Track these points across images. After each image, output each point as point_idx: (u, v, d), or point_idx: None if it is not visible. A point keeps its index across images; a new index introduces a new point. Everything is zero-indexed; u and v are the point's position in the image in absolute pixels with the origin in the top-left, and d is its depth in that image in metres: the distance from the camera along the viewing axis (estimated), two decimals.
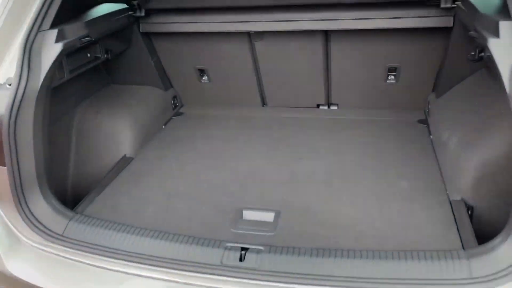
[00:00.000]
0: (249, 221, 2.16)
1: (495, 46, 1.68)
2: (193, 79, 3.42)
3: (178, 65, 3.33)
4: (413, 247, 1.86)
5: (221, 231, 2.07)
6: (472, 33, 1.96)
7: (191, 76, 3.39)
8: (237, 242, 1.94)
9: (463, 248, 1.83)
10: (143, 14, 2.96)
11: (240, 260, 1.83)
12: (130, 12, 2.92)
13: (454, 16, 2.57)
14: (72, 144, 2.82)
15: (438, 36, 2.76)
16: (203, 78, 3.39)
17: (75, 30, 2.27)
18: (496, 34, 1.70)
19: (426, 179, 2.36)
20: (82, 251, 1.98)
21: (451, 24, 2.59)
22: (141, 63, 3.20)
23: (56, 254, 2.01)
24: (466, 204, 2.12)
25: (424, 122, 3.01)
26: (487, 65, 2.50)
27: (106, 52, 2.73)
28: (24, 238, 2.03)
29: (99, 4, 2.79)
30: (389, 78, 3.06)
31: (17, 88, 1.96)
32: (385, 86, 3.11)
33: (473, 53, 2.55)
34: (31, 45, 2.03)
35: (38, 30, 2.06)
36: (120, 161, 2.77)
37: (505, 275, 1.59)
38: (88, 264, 1.95)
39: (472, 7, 2.08)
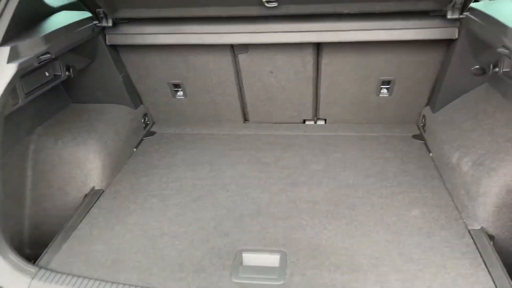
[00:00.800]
0: (251, 267, 1.86)
1: None
2: (166, 95, 3.06)
3: (150, 80, 2.96)
4: None
5: (220, 282, 1.76)
6: (501, 50, 1.77)
7: (164, 92, 3.03)
8: None
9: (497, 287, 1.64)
10: (110, 24, 2.56)
11: None
12: (94, 22, 2.52)
13: (459, 28, 2.40)
14: (28, 179, 2.39)
15: (437, 48, 2.58)
16: (178, 93, 3.04)
17: (32, 47, 1.87)
18: None
19: (437, 205, 2.17)
20: None
21: (455, 36, 2.41)
22: (107, 79, 2.80)
23: None
24: (486, 233, 1.94)
25: (420, 137, 2.84)
26: (492, 79, 2.36)
27: (68, 69, 2.32)
28: None
29: (56, 13, 2.38)
30: (382, 91, 2.87)
31: None
32: (377, 100, 2.91)
33: (477, 66, 2.40)
34: None
35: None
36: (88, 195, 2.37)
37: None
38: None
39: (494, 21, 1.90)
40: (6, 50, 1.71)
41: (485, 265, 1.76)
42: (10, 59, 1.72)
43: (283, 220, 2.12)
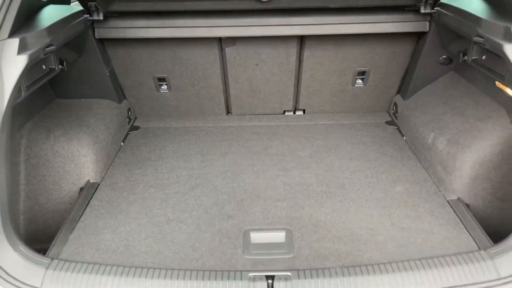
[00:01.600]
0: (260, 244, 1.98)
1: (511, 50, 1.74)
2: (150, 89, 3.10)
3: (135, 74, 2.99)
4: (433, 253, 1.86)
5: (233, 259, 1.87)
6: (476, 38, 2.02)
7: (148, 86, 3.07)
8: (258, 270, 1.77)
9: (479, 247, 1.88)
10: (101, 17, 2.57)
11: None
12: (85, 16, 2.52)
13: (429, 21, 2.66)
14: (21, 173, 2.35)
15: (408, 40, 2.84)
16: (162, 87, 3.09)
17: (38, 38, 1.87)
18: (510, 39, 1.76)
19: (417, 182, 2.40)
20: None
21: (426, 29, 2.68)
22: (93, 74, 2.80)
23: None
24: (463, 202, 2.20)
25: (392, 123, 3.09)
26: (457, 67, 2.65)
27: (61, 63, 2.32)
28: None
29: (45, 6, 2.36)
30: (357, 82, 3.09)
31: None
32: (353, 90, 3.13)
33: (445, 56, 2.68)
34: None
35: None
36: (85, 188, 2.39)
37: None
38: None
39: (467, 13, 2.15)
40: (15, 42, 1.71)
41: (466, 229, 2.00)
42: (20, 51, 1.73)
43: (282, 202, 2.26)
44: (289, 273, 1.71)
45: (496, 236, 1.93)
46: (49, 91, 2.76)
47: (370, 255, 1.87)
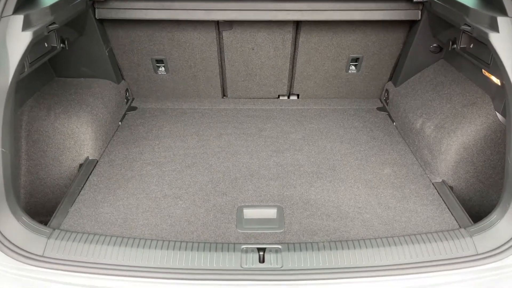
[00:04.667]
0: (253, 219, 2.08)
1: (496, 40, 1.83)
2: (148, 71, 3.16)
3: (133, 55, 3.04)
4: (416, 230, 1.97)
5: (227, 233, 1.97)
6: (464, 27, 2.10)
7: (146, 67, 3.13)
8: (251, 243, 1.87)
9: (459, 226, 1.99)
10: None
11: (260, 261, 1.76)
12: None
13: (421, 10, 2.74)
14: (22, 148, 2.43)
15: (400, 28, 2.92)
16: (160, 69, 3.15)
17: (41, 16, 1.93)
18: (495, 29, 1.84)
19: (404, 164, 2.50)
20: (73, 271, 1.72)
21: (418, 17, 2.75)
22: (93, 54, 2.85)
23: (39, 279, 1.73)
24: (447, 184, 2.31)
25: (383, 109, 3.19)
26: (447, 56, 2.73)
27: (62, 42, 2.37)
28: None
29: None
30: (351, 68, 3.17)
31: None
32: (346, 76, 3.21)
33: (435, 45, 2.76)
34: None
35: (0, 16, 1.71)
36: (84, 165, 2.46)
37: (507, 249, 1.76)
38: (83, 285, 1.71)
39: (456, 2, 2.23)
40: (20, 18, 1.77)
41: (449, 209, 2.11)
42: (24, 27, 1.78)
43: (274, 181, 2.36)
44: (279, 246, 1.81)
45: (476, 216, 2.05)
46: (49, 70, 2.81)
47: (357, 232, 1.98)
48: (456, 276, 1.72)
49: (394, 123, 2.97)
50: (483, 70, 2.24)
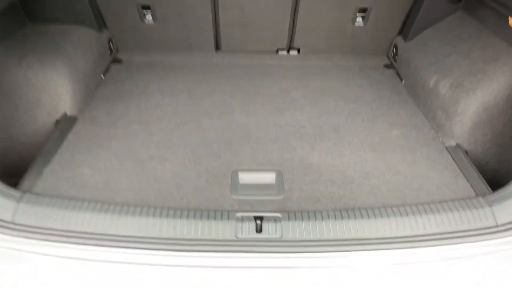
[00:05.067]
0: (249, 185, 1.88)
1: None
2: (134, 19, 2.84)
3: (117, 1, 2.72)
4: (429, 198, 1.79)
5: (220, 199, 1.77)
6: None
7: (131, 15, 2.81)
8: (247, 211, 1.68)
9: (476, 194, 1.81)
10: None
11: (257, 231, 1.58)
12: None
13: None
14: None
15: None
16: (146, 17, 2.83)
17: None
18: None
19: (415, 126, 2.29)
20: (46, 239, 1.53)
21: None
22: None
23: (7, 247, 1.53)
24: (462, 148, 2.11)
25: (391, 66, 2.93)
26: (467, 6, 2.45)
27: None
28: None
29: None
30: (358, 20, 2.88)
31: None
32: (352, 29, 2.93)
33: None
34: None
35: None
36: (61, 121, 2.22)
37: None
38: (57, 256, 1.52)
39: None
40: None
41: (464, 175, 1.92)
42: None
43: (273, 143, 2.14)
44: (278, 214, 1.63)
45: (494, 183, 1.86)
46: (20, 13, 2.49)
47: (364, 199, 1.79)
48: (473, 249, 1.55)
49: (403, 82, 2.73)
50: (510, 20, 1.98)
